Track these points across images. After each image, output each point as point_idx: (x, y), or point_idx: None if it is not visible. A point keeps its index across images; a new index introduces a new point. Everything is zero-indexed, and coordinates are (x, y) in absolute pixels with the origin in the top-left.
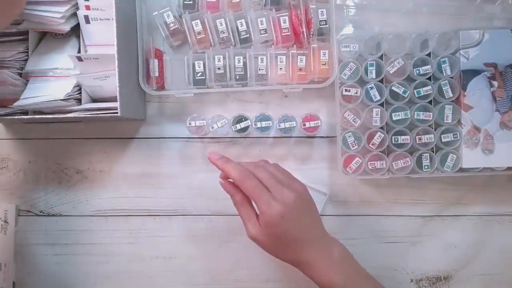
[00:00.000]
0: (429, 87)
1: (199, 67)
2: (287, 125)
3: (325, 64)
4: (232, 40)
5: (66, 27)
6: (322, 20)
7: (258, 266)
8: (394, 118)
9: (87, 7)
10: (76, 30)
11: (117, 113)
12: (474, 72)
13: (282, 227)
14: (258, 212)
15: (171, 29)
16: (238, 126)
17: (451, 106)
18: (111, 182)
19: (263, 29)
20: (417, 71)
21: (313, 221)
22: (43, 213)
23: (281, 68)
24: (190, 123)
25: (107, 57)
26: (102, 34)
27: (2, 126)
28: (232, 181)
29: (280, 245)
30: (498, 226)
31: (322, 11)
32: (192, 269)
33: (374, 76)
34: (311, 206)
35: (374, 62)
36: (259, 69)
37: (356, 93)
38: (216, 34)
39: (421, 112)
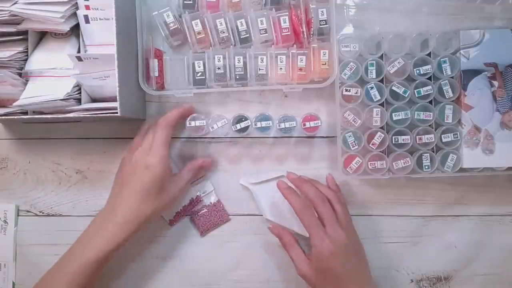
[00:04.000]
0: (430, 87)
1: (199, 67)
2: (287, 125)
3: (325, 64)
4: (232, 40)
5: (66, 27)
6: (322, 20)
7: (258, 266)
8: (394, 118)
9: (87, 7)
10: (76, 30)
11: (117, 113)
12: (475, 72)
13: (330, 263)
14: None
15: (171, 29)
16: (238, 126)
17: (452, 106)
18: (111, 182)
19: (263, 29)
20: (418, 71)
21: (360, 266)
22: (43, 213)
23: (281, 68)
24: (190, 123)
25: (107, 57)
26: (102, 34)
27: (2, 126)
28: (277, 225)
29: (324, 278)
30: (498, 226)
31: (322, 11)
32: (192, 269)
33: (374, 76)
34: (359, 252)
35: (374, 62)
36: (259, 69)
37: (356, 93)
38: (216, 34)
39: (422, 112)
